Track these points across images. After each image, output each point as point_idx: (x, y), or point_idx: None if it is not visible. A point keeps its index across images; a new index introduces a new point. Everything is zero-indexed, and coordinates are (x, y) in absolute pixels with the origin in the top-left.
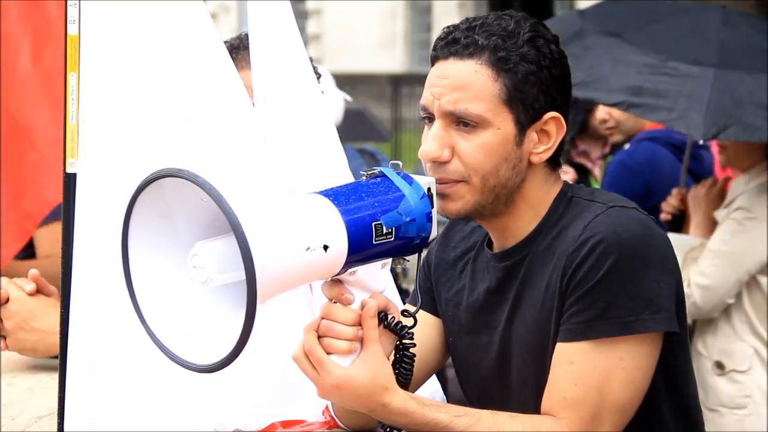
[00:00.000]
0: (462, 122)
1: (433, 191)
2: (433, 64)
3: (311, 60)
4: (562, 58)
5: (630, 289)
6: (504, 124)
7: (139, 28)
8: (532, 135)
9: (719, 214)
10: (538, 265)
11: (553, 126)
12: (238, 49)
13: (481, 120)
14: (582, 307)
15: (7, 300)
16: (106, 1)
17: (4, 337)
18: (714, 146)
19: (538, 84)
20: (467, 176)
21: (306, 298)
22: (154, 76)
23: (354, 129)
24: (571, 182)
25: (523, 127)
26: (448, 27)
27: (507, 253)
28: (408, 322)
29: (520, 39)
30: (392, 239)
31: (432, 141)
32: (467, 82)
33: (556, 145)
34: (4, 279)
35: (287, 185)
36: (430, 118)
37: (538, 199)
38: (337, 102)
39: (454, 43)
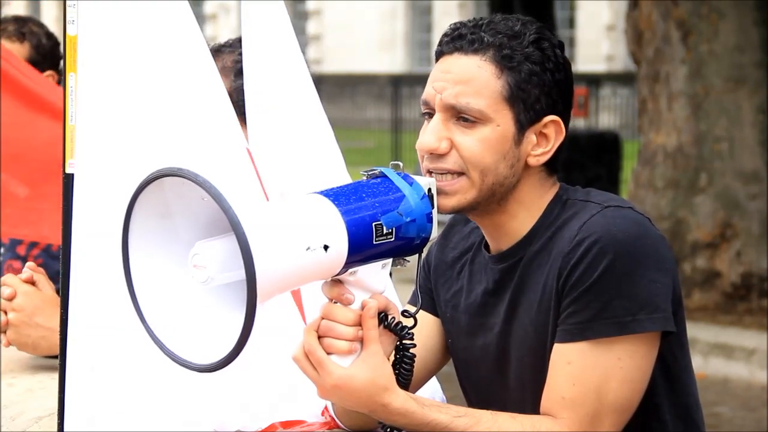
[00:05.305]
0: (462, 117)
1: (434, 192)
2: (437, 60)
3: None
4: (565, 64)
5: (626, 289)
6: (504, 121)
7: (135, 28)
8: (530, 136)
9: None
10: (534, 267)
11: (552, 130)
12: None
13: (482, 115)
14: (579, 308)
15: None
16: (102, 2)
17: (4, 333)
18: None
19: (541, 85)
20: (465, 169)
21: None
22: (152, 77)
23: None
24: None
25: (522, 126)
26: (454, 24)
27: (503, 255)
28: (408, 322)
29: (525, 40)
30: (392, 239)
31: (430, 133)
32: (470, 77)
33: (554, 149)
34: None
35: (279, 189)
36: (430, 114)
37: (531, 201)
38: None
39: (460, 39)
